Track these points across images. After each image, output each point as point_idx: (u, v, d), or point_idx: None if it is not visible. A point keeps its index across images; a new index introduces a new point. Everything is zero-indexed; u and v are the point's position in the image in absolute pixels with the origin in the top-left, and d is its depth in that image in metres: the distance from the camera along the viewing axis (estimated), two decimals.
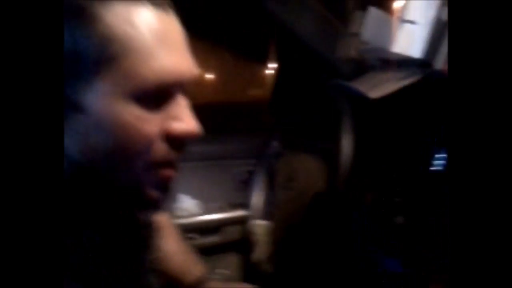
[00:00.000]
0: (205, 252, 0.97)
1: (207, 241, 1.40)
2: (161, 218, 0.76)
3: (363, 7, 1.21)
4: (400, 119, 1.02)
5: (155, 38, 0.46)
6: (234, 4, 1.48)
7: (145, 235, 0.68)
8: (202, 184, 1.45)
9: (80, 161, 0.48)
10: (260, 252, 1.30)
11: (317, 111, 1.22)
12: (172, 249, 0.82)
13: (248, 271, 1.43)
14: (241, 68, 2.07)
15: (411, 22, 1.02)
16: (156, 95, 0.48)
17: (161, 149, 0.50)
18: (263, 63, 2.05)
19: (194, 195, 1.43)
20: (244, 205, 1.43)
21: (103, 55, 0.44)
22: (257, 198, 1.36)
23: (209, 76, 2.02)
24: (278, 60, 1.80)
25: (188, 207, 1.43)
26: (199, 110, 0.54)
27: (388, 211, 1.06)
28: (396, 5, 1.12)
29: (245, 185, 1.48)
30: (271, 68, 2.03)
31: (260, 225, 1.35)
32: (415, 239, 0.89)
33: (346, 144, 0.98)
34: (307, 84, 1.40)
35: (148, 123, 0.48)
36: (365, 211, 1.04)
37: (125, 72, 0.45)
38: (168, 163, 0.52)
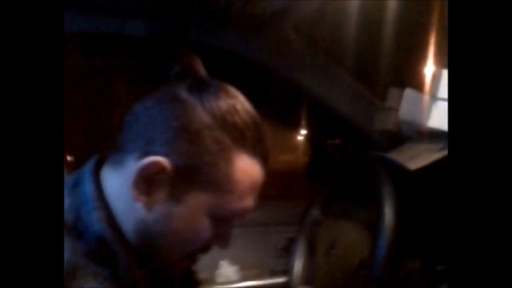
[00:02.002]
0: None
1: None
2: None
3: (399, 83, 1.29)
4: (438, 188, 1.06)
5: (249, 186, 0.61)
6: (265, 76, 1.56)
7: None
8: (242, 251, 1.48)
9: (150, 242, 0.61)
10: None
11: (356, 180, 1.27)
12: None
13: None
14: (275, 135, 2.14)
15: (444, 99, 1.10)
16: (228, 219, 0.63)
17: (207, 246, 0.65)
18: (296, 130, 2.11)
19: (234, 261, 1.46)
20: (284, 272, 1.44)
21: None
22: (298, 265, 1.38)
23: None
24: (312, 129, 1.86)
25: (228, 273, 1.45)
26: None
27: (432, 280, 1.07)
28: (428, 82, 1.19)
29: (285, 252, 1.51)
30: (303, 134, 2.10)
31: None
32: None
33: (388, 214, 1.01)
34: (344, 153, 1.45)
35: (209, 233, 0.62)
36: (409, 280, 1.06)
37: (217, 203, 0.60)
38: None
